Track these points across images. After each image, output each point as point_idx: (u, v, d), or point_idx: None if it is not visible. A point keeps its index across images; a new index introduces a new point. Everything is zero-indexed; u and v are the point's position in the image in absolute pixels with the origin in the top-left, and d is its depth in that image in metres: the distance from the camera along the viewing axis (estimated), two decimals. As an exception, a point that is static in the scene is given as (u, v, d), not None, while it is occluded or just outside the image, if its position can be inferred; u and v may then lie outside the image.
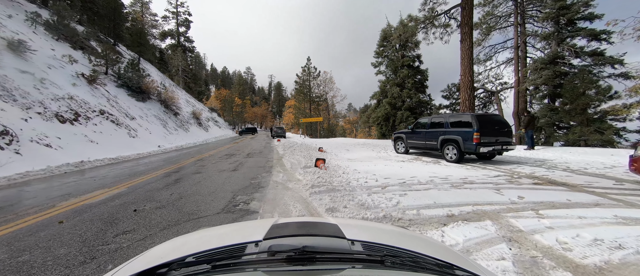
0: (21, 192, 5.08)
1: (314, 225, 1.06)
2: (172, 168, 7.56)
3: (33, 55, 13.67)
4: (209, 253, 0.80)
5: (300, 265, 0.67)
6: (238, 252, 0.81)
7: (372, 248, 0.85)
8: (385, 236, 1.07)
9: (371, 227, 1.28)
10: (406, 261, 0.73)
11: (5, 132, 8.24)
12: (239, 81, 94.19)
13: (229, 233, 1.12)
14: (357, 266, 0.69)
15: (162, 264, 0.72)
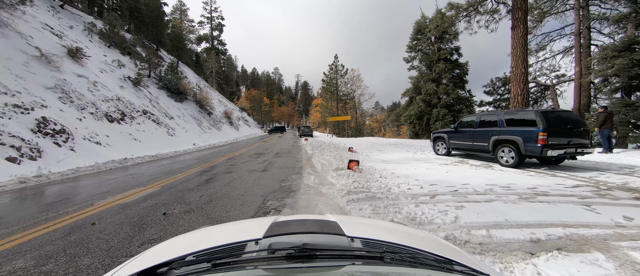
0: (68, 188, 5.34)
1: (314, 223, 1.04)
2: (204, 167, 7.60)
3: (88, 60, 15.12)
4: (209, 252, 0.79)
5: (300, 262, 0.66)
6: (238, 250, 0.80)
7: (371, 244, 0.86)
8: (385, 232, 1.08)
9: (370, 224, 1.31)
10: (405, 257, 0.73)
11: (62, 130, 9.06)
12: (267, 81, 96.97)
13: (229, 231, 1.09)
14: (357, 262, 0.70)
15: (162, 263, 0.71)
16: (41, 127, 8.41)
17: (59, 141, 8.67)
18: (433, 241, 1.03)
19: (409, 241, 0.93)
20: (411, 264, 0.71)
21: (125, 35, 24.60)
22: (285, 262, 0.67)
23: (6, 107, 7.95)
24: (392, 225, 1.34)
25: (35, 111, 8.71)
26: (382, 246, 0.83)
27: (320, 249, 0.73)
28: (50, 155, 7.96)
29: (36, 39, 12.62)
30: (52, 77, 11.21)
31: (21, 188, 5.46)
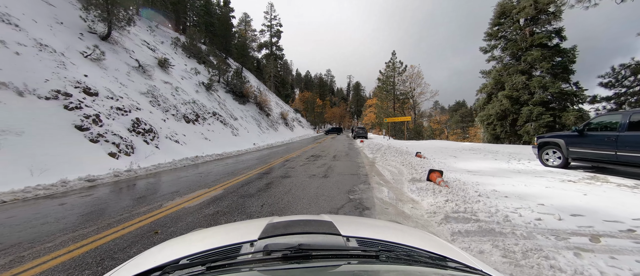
0: (147, 185, 5.68)
1: (309, 223, 1.01)
2: (263, 169, 7.43)
3: (172, 69, 17.46)
4: (203, 255, 0.79)
5: (296, 263, 0.66)
6: (233, 252, 0.79)
7: (367, 243, 0.87)
8: (380, 231, 1.08)
9: (366, 223, 1.33)
10: (400, 255, 0.74)
11: (150, 130, 10.35)
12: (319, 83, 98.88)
13: (223, 233, 1.08)
14: (353, 261, 0.70)
15: (155, 267, 0.69)
16: (135, 127, 9.72)
17: (147, 139, 9.88)
18: (427, 239, 1.02)
19: (403, 239, 0.94)
20: (406, 262, 0.71)
21: (201, 47, 28.03)
22: (281, 263, 0.67)
23: (111, 110, 9.44)
24: (387, 224, 1.30)
25: (132, 113, 10.16)
26: (377, 245, 0.84)
27: (316, 249, 0.73)
28: (140, 151, 9.08)
29: (136, 53, 15.11)
30: (145, 84, 13.13)
31: (114, 181, 6.10)
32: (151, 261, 0.77)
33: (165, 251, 0.92)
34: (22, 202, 4.26)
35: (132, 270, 0.74)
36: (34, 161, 6.00)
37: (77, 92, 8.71)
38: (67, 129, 7.55)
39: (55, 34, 10.69)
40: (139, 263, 0.81)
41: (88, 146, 7.61)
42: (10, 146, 5.98)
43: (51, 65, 8.86)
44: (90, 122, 8.19)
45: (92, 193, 4.83)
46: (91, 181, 5.78)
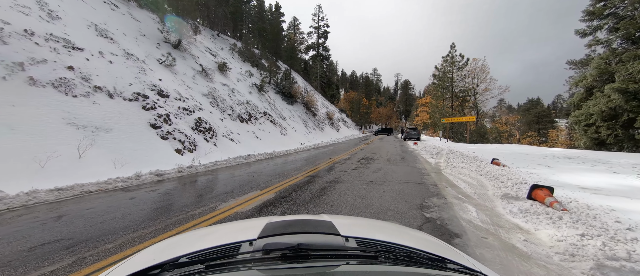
0: (204, 182, 5.81)
1: (309, 223, 1.02)
2: (313, 170, 7.04)
3: (229, 72, 18.78)
4: (202, 253, 0.78)
5: (295, 263, 0.66)
6: (232, 251, 0.79)
7: (366, 244, 0.86)
8: (379, 232, 1.07)
9: (365, 224, 1.33)
10: (400, 256, 0.74)
11: (210, 128, 11.09)
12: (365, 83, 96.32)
13: (223, 232, 1.07)
14: (352, 262, 0.70)
15: (154, 265, 0.69)
16: (197, 126, 10.50)
17: (207, 137, 10.59)
18: (427, 240, 1.02)
19: (403, 240, 0.93)
20: (405, 263, 0.71)
21: (255, 51, 29.84)
22: (280, 263, 0.67)
23: (179, 110, 10.38)
24: (387, 224, 1.30)
25: (195, 113, 11.04)
26: (376, 246, 0.84)
27: (315, 249, 0.73)
28: (201, 149, 9.73)
29: (200, 59, 16.67)
30: (207, 86, 14.29)
31: (178, 176, 6.47)
32: (150, 259, 0.77)
33: (164, 249, 0.92)
34: (103, 193, 4.68)
35: (131, 268, 0.73)
36: (117, 155, 6.80)
37: (152, 94, 9.79)
38: (144, 127, 8.47)
39: (139, 44, 12.37)
40: (138, 261, 0.81)
41: (159, 143, 8.41)
42: (101, 142, 6.90)
43: (134, 71, 10.17)
44: (162, 121, 9.08)
45: (157, 188, 5.08)
46: (159, 175, 6.21)
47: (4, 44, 6.91)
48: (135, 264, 0.77)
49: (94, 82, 8.21)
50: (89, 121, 7.13)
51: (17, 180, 4.71)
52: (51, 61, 7.57)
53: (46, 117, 6.37)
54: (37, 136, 5.88)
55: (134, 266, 0.74)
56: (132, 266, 0.74)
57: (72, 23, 9.67)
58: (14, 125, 5.74)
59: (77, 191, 4.61)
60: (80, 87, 7.67)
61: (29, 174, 5.01)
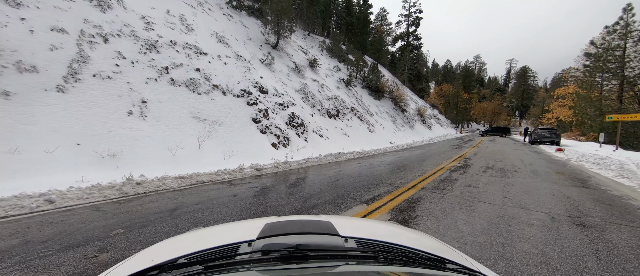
0: (297, 183, 5.30)
1: (308, 223, 1.00)
2: (425, 181, 5.47)
3: (319, 68, 18.94)
4: (201, 254, 0.78)
5: (294, 263, 0.66)
6: (231, 252, 0.79)
7: (365, 244, 0.86)
8: (379, 232, 1.07)
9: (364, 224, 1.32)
10: (399, 256, 0.73)
11: (301, 124, 11.11)
12: (464, 73, 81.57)
13: (222, 233, 1.07)
14: (351, 262, 0.70)
15: (152, 267, 0.68)
16: (291, 121, 10.67)
17: (299, 133, 10.61)
18: (426, 241, 1.02)
19: (402, 240, 0.93)
20: (405, 263, 0.71)
21: (342, 47, 29.59)
22: (279, 263, 0.67)
23: (275, 106, 10.82)
24: (386, 225, 1.29)
25: (289, 108, 11.30)
26: (376, 246, 0.84)
27: (314, 249, 0.73)
28: (293, 144, 9.76)
29: (294, 56, 17.43)
30: (299, 82, 14.66)
31: (274, 172, 6.33)
32: (148, 260, 0.76)
33: (162, 250, 0.92)
34: (212, 185, 4.81)
35: (128, 269, 0.72)
36: (226, 147, 7.36)
37: (255, 91, 10.51)
38: (247, 122, 9.09)
39: (246, 47, 13.82)
40: (136, 262, 0.81)
41: (258, 137, 8.82)
42: (215, 134, 7.65)
43: (242, 70, 11.24)
44: (261, 116, 9.57)
45: (255, 185, 4.89)
46: (258, 170, 6.21)
47: (158, 52, 8.65)
48: (133, 265, 0.77)
49: (213, 81, 9.36)
50: (207, 115, 8.07)
51: (155, 165, 5.49)
52: (185, 64, 9.04)
53: (179, 112, 7.51)
54: (172, 128, 6.94)
55: (132, 267, 0.73)
56: (129, 268, 0.74)
57: (201, 33, 11.54)
58: (160, 118, 6.94)
59: (194, 181, 4.91)
60: (203, 86, 8.84)
61: (163, 160, 5.82)
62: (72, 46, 6.67)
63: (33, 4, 6.77)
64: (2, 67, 5.17)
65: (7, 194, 3.36)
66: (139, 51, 8.15)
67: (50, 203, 3.38)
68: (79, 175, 4.37)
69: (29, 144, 4.47)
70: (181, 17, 11.43)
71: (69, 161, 4.63)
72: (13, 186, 3.69)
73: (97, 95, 6.20)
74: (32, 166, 4.21)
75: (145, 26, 9.27)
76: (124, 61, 7.47)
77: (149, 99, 7.09)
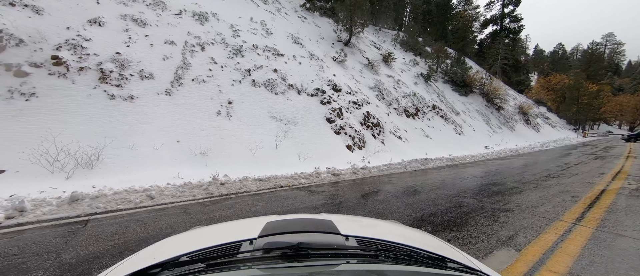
0: (384, 196, 4.30)
1: (309, 222, 0.99)
2: (595, 212, 3.60)
3: (394, 63, 17.26)
4: (203, 252, 0.79)
5: (296, 262, 0.66)
6: (233, 250, 0.79)
7: (366, 243, 0.87)
8: (380, 231, 1.07)
9: (366, 223, 1.29)
10: (400, 255, 0.74)
11: (377, 124, 10.02)
12: (587, 58, 62.04)
13: (223, 231, 1.06)
14: (352, 261, 0.70)
15: (155, 264, 0.69)
16: (365, 121, 9.72)
17: (374, 134, 9.55)
18: (428, 240, 1.02)
19: (403, 239, 0.93)
20: (405, 262, 0.71)
21: (418, 38, 26.58)
22: (281, 261, 0.67)
23: (349, 104, 10.09)
24: (387, 224, 1.25)
25: (363, 107, 10.38)
26: (376, 245, 0.85)
27: (315, 248, 0.73)
28: (369, 146, 8.79)
29: (366, 52, 16.37)
30: (372, 79, 13.53)
31: (352, 179, 5.54)
32: (150, 258, 0.77)
33: (164, 248, 0.91)
34: (289, 191, 4.38)
35: (131, 267, 0.73)
36: (301, 148, 7.04)
37: (328, 89, 10.05)
38: (321, 121, 8.65)
39: (319, 46, 13.65)
40: (138, 260, 0.81)
41: (332, 137, 8.25)
42: (291, 134, 7.47)
43: (315, 69, 10.99)
44: (335, 116, 8.99)
45: (335, 195, 4.19)
46: (336, 175, 5.54)
47: (242, 56, 9.19)
48: (135, 263, 0.77)
49: (289, 81, 9.35)
50: (283, 115, 8.01)
51: (237, 164, 5.53)
52: (265, 66, 9.33)
53: (258, 111, 7.65)
54: (252, 127, 7.06)
55: (135, 265, 0.73)
56: (132, 265, 0.74)
57: (278, 35, 11.93)
58: (242, 117, 7.19)
59: (272, 184, 4.60)
60: (279, 86, 8.91)
61: (244, 159, 5.86)
62: (178, 55, 7.62)
63: (154, 23, 8.09)
64: (129, 76, 6.18)
65: (122, 186, 3.68)
66: (227, 56, 8.81)
67: (151, 199, 3.52)
68: (176, 171, 4.64)
69: (142, 141, 5.08)
70: (262, 23, 12.08)
71: (169, 157, 5.05)
72: (127, 179, 4.10)
73: (193, 97, 6.83)
74: (143, 160, 4.71)
75: (233, 33, 10.05)
76: (215, 66, 8.14)
77: (234, 99, 7.46)
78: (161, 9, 8.82)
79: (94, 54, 6.06)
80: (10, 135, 4.13)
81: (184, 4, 9.67)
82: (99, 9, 7.25)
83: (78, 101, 5.17)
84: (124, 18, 7.54)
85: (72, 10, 6.70)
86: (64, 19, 6.36)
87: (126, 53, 6.58)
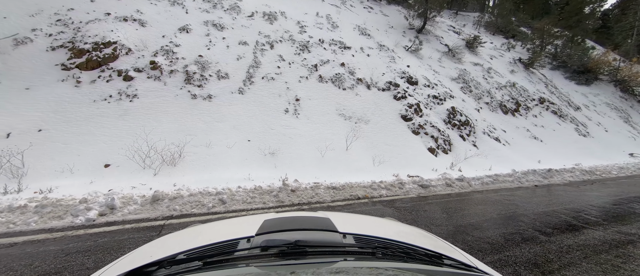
0: (506, 229, 2.96)
1: (307, 220, 1.00)
2: None
3: (480, 49, 14.28)
4: (200, 250, 0.78)
5: (293, 259, 0.67)
6: (230, 248, 0.78)
7: (363, 240, 0.86)
8: (377, 228, 1.06)
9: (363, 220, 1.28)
10: (397, 252, 0.74)
11: (466, 122, 8.12)
12: None
13: (221, 229, 1.06)
14: (349, 258, 0.70)
15: (151, 263, 0.68)
16: (450, 118, 8.00)
17: (463, 134, 7.75)
18: (424, 237, 1.01)
19: (400, 236, 0.93)
20: (402, 259, 0.71)
21: (510, 18, 21.68)
22: (278, 259, 0.67)
23: (428, 99, 8.52)
24: (385, 221, 1.24)
25: (446, 102, 8.63)
26: (374, 242, 0.84)
27: (313, 245, 0.73)
28: (458, 149, 7.14)
29: (444, 38, 14.02)
30: (455, 68, 11.35)
31: (446, 193, 4.30)
32: (147, 256, 0.76)
33: (162, 246, 0.90)
34: (370, 204, 3.55)
35: (127, 265, 0.72)
36: (375, 151, 6.09)
37: (402, 82, 8.74)
38: (395, 119, 7.48)
39: (388, 35, 12.30)
40: (135, 258, 0.80)
41: (410, 138, 6.98)
42: (361, 133, 6.60)
43: (386, 60, 9.79)
44: (412, 112, 7.65)
45: (431, 217, 3.10)
46: (424, 187, 4.40)
47: (309, 52, 8.83)
48: (132, 261, 0.76)
49: (357, 75, 8.50)
50: (352, 112, 7.21)
51: (306, 167, 5.01)
52: (331, 60, 8.73)
53: (326, 108, 7.07)
54: (320, 125, 6.51)
55: (131, 263, 0.72)
56: (128, 264, 0.73)
57: (344, 28, 11.21)
58: (310, 115, 6.73)
59: (347, 194, 3.86)
60: (347, 81, 8.14)
61: (313, 161, 5.31)
62: (250, 54, 7.74)
63: (230, 26, 8.49)
64: (209, 76, 6.47)
65: (197, 187, 3.56)
66: (294, 52, 8.58)
67: (223, 203, 3.25)
68: (247, 172, 4.41)
69: (217, 139, 5.10)
70: (327, 17, 11.58)
71: (240, 157, 4.92)
72: (203, 178, 4.02)
73: (263, 95, 6.73)
74: (217, 160, 4.67)
75: (300, 30, 9.83)
76: (283, 63, 7.97)
77: (301, 96, 7.09)
78: (236, 13, 9.24)
79: (182, 58, 6.57)
80: (116, 132, 4.63)
81: (255, 6, 9.96)
82: (187, 18, 7.97)
83: (168, 101, 5.58)
84: (206, 24, 8.10)
85: (167, 21, 7.51)
86: (161, 28, 7.15)
87: (207, 55, 6.96)
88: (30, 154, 3.79)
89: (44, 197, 2.91)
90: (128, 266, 0.70)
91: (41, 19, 6.02)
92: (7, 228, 2.41)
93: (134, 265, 0.68)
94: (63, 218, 2.66)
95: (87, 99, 5.04)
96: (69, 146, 4.20)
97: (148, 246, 0.93)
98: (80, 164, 3.95)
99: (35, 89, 4.90)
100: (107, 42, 5.93)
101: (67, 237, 2.33)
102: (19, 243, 2.18)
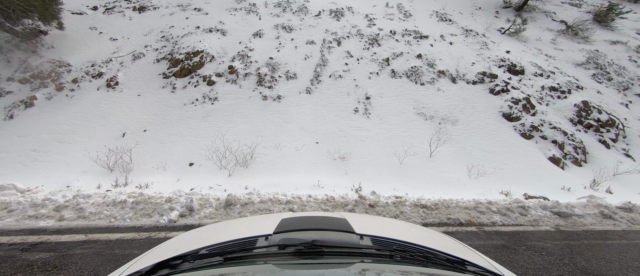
0: None
1: (323, 220, 1.02)
2: None
3: (621, 20, 10.36)
4: (221, 246, 0.81)
5: (310, 259, 0.67)
6: (249, 245, 0.80)
7: (381, 242, 0.85)
8: (395, 231, 1.04)
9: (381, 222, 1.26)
10: (416, 256, 0.72)
11: (609, 122, 5.74)
12: None
13: (240, 226, 1.10)
14: (366, 260, 0.69)
15: (176, 256, 0.71)
16: (581, 117, 5.81)
17: (605, 139, 5.50)
18: (445, 241, 0.98)
19: (419, 240, 0.90)
20: (422, 263, 0.68)
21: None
22: (295, 258, 0.68)
23: (542, 91, 6.46)
24: (403, 224, 1.22)
25: (571, 95, 6.36)
26: (392, 245, 0.82)
27: (330, 246, 0.72)
28: (598, 160, 5.06)
29: (557, 14, 10.77)
30: (581, 51, 8.46)
31: (604, 230, 2.84)
32: (172, 250, 0.79)
33: (186, 241, 0.93)
34: (485, 237, 2.55)
35: (154, 258, 0.75)
36: (469, 158, 4.83)
37: (500, 72, 6.93)
38: (494, 118, 5.89)
39: (475, 19, 10.21)
40: (161, 251, 0.83)
41: (519, 143, 5.32)
42: (448, 136, 5.39)
43: (475, 47, 8.04)
44: (519, 109, 5.89)
45: (597, 271, 1.91)
46: (562, 216, 3.05)
47: (379, 45, 8.00)
48: (158, 254, 0.79)
49: (438, 67, 7.19)
50: (435, 111, 6.03)
51: (382, 176, 4.26)
52: (405, 53, 7.66)
53: (401, 107, 6.12)
54: (395, 126, 5.63)
55: (157, 256, 0.75)
56: (155, 257, 0.76)
57: (419, 16, 9.85)
58: (382, 115, 5.94)
59: (444, 217, 2.95)
60: (426, 74, 6.95)
61: (390, 168, 4.51)
62: (317, 53, 7.48)
63: (298, 26, 8.48)
64: (278, 77, 6.47)
65: (267, 192, 3.34)
66: (363, 47, 7.90)
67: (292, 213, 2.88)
68: (316, 178, 4.01)
69: (286, 140, 4.91)
70: (399, 6, 10.42)
71: (309, 160, 4.57)
72: (273, 182, 3.82)
73: (330, 94, 6.32)
74: (286, 162, 4.45)
75: (368, 23, 9.08)
76: (351, 59, 7.41)
77: (371, 94, 6.36)
78: (304, 14, 9.21)
79: (255, 61, 6.79)
80: (200, 133, 4.97)
81: (322, 5, 9.75)
82: (260, 24, 8.34)
83: (242, 103, 5.78)
84: (276, 27, 8.29)
85: (244, 29, 7.99)
86: (238, 36, 7.63)
87: (276, 57, 7.03)
88: (136, 151, 4.34)
89: (140, 193, 3.13)
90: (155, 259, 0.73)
91: (151, 37, 7.20)
92: (108, 222, 2.60)
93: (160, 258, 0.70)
94: (151, 216, 2.75)
95: (179, 103, 5.64)
96: (164, 145, 4.69)
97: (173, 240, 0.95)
98: (171, 162, 4.32)
99: (144, 95, 5.77)
100: (196, 51, 6.61)
101: (151, 239, 2.32)
102: (113, 241, 2.26)
